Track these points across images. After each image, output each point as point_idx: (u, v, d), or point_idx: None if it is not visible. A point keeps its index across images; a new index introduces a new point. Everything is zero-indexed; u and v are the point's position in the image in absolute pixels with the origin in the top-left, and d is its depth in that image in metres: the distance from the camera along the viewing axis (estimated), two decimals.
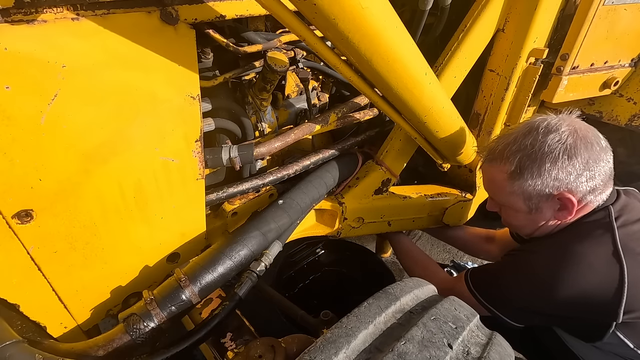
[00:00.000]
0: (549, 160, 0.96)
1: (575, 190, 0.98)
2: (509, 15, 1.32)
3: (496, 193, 1.13)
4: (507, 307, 1.07)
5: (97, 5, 0.71)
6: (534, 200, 1.03)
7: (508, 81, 1.40)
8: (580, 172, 0.96)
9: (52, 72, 0.69)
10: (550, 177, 0.97)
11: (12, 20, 0.63)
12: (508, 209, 1.12)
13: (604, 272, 0.93)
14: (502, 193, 1.08)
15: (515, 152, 1.01)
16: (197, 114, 0.93)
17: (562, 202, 1.00)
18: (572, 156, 0.95)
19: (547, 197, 1.01)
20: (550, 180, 0.97)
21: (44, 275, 0.85)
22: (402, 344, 0.68)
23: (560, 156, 0.95)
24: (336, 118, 1.32)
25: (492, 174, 1.10)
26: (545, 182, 0.98)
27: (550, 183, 0.98)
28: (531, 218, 1.07)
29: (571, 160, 0.95)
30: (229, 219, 1.16)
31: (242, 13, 0.95)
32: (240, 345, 1.05)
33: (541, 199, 1.02)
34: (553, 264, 0.98)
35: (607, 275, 0.93)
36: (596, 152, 0.97)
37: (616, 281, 0.92)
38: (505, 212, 1.15)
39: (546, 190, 0.99)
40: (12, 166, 0.71)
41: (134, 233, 0.95)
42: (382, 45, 0.85)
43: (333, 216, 1.38)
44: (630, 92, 1.72)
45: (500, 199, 1.11)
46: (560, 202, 1.01)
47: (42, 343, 0.84)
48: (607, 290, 0.92)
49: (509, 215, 1.14)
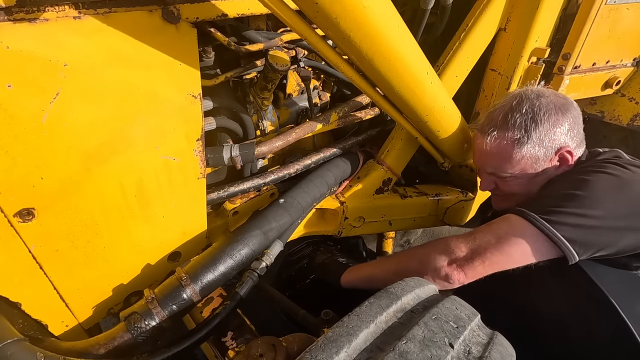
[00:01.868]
0: (550, 118, 1.04)
1: (571, 144, 1.07)
2: (510, 14, 1.32)
3: (503, 164, 1.11)
4: (581, 224, 0.92)
5: (99, 4, 0.71)
6: (540, 161, 1.07)
7: (509, 80, 1.40)
8: (572, 126, 1.06)
9: (54, 71, 0.69)
10: (554, 134, 1.04)
11: (14, 19, 0.63)
12: (511, 179, 1.12)
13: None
14: (509, 162, 1.09)
15: (518, 117, 1.06)
16: (199, 112, 0.93)
17: (563, 156, 1.07)
18: (565, 112, 1.05)
19: (550, 155, 1.07)
20: (555, 136, 1.05)
21: (45, 273, 0.85)
22: (404, 343, 0.67)
23: (556, 114, 1.04)
24: (337, 117, 1.32)
25: (498, 144, 1.09)
26: (552, 139, 1.05)
27: (555, 139, 1.05)
28: (535, 179, 1.10)
29: (564, 115, 1.05)
30: (230, 217, 1.16)
31: (243, 12, 0.95)
32: (241, 344, 1.06)
33: (546, 159, 1.07)
34: (610, 177, 0.97)
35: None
36: (576, 108, 1.09)
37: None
38: (507, 183, 1.14)
39: (551, 148, 1.06)
40: (13, 165, 0.71)
41: (135, 232, 0.95)
42: (384, 45, 0.85)
43: (334, 215, 1.38)
44: (632, 92, 1.71)
45: (507, 169, 1.11)
46: (561, 157, 1.08)
47: (44, 341, 0.84)
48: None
49: (512, 185, 1.13)
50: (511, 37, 1.34)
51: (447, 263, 0.98)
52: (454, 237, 1.03)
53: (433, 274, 1.00)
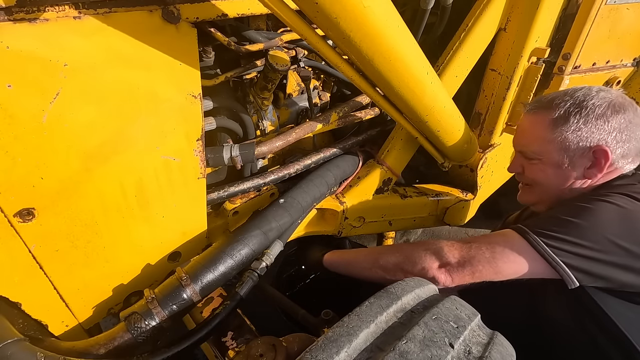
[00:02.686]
0: (595, 111, 0.96)
1: (612, 147, 0.97)
2: (510, 14, 1.32)
3: (531, 142, 1.07)
4: (580, 254, 0.90)
5: (99, 4, 0.71)
6: (571, 152, 1.00)
7: (510, 81, 1.40)
8: (621, 129, 0.96)
9: (54, 71, 0.69)
10: (595, 126, 0.96)
11: (14, 19, 0.63)
12: (537, 163, 1.07)
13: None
14: (539, 141, 1.04)
15: (566, 100, 1.01)
16: (199, 112, 0.93)
17: (597, 156, 0.98)
18: (618, 111, 0.96)
19: (583, 150, 0.99)
20: (595, 129, 0.96)
21: (45, 273, 0.85)
22: (404, 343, 0.68)
23: (607, 109, 0.96)
24: (337, 117, 1.32)
25: (533, 121, 1.06)
26: (590, 131, 0.97)
27: (594, 133, 0.97)
28: (561, 174, 1.03)
29: (616, 114, 0.96)
30: (230, 217, 1.16)
31: (243, 12, 0.95)
32: (241, 344, 1.06)
33: (577, 152, 0.99)
34: (627, 205, 0.92)
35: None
36: (638, 115, 0.98)
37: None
38: (533, 168, 1.08)
39: (586, 141, 0.98)
40: (14, 165, 0.71)
41: (135, 232, 0.95)
42: (384, 45, 0.85)
43: (334, 215, 1.38)
44: (632, 92, 1.72)
45: (534, 148, 1.06)
46: (594, 158, 0.98)
47: (44, 341, 0.84)
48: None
49: (537, 170, 1.07)
50: (511, 37, 1.34)
51: (437, 265, 0.98)
52: (449, 242, 1.02)
53: (420, 272, 0.98)
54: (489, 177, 1.69)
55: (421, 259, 1.00)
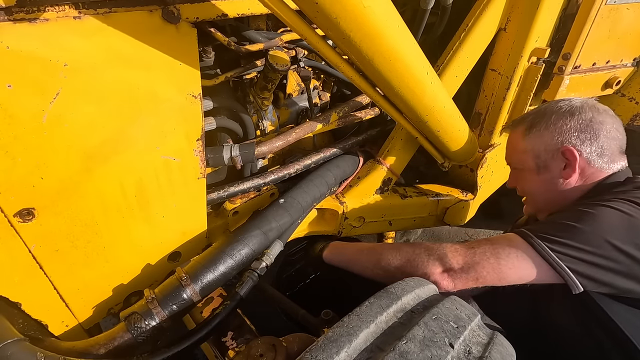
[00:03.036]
0: (554, 115, 1.06)
1: (577, 145, 1.02)
2: (510, 14, 1.32)
3: (512, 156, 1.18)
4: (585, 259, 0.89)
5: (99, 4, 0.71)
6: (542, 156, 1.07)
7: (510, 80, 1.39)
8: (582, 129, 1.02)
9: (54, 71, 0.69)
10: (555, 130, 1.04)
11: (14, 19, 0.63)
12: (522, 174, 1.15)
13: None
14: (516, 153, 1.14)
15: (534, 113, 1.12)
16: (199, 112, 0.93)
17: (567, 156, 1.03)
18: (575, 113, 1.03)
19: (552, 152, 1.06)
20: (555, 133, 1.04)
21: (45, 273, 0.85)
22: (404, 343, 0.68)
23: (565, 112, 1.05)
24: (337, 117, 1.32)
25: (510, 137, 1.18)
26: (550, 135, 1.05)
27: (555, 136, 1.04)
28: (542, 179, 1.10)
29: (573, 116, 1.03)
30: (230, 217, 1.16)
31: (243, 12, 0.95)
32: (241, 344, 1.05)
33: (547, 155, 1.06)
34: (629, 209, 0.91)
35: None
36: (601, 115, 1.03)
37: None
38: (521, 178, 1.17)
39: (551, 143, 1.05)
40: (14, 165, 0.71)
41: (135, 232, 0.95)
42: (384, 45, 0.84)
43: (334, 215, 1.38)
44: (632, 92, 1.72)
45: (514, 160, 1.17)
46: (566, 158, 1.04)
47: (44, 341, 0.84)
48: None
49: (524, 180, 1.15)
50: (511, 37, 1.34)
51: (440, 271, 0.97)
52: (452, 246, 1.01)
53: (421, 276, 0.97)
54: (489, 177, 1.69)
55: (424, 263, 0.99)
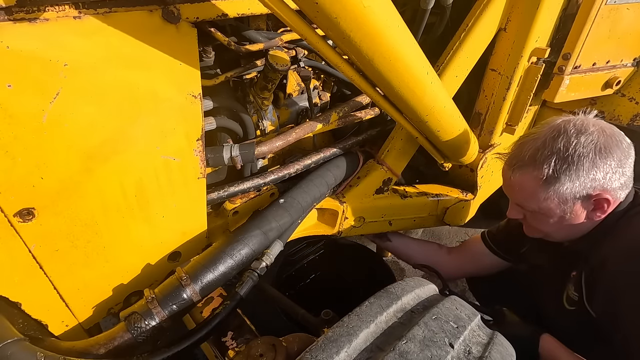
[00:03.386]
0: (585, 161, 0.95)
1: (610, 188, 0.98)
2: (510, 14, 1.32)
3: (527, 200, 1.06)
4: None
5: (99, 4, 0.71)
6: (570, 203, 1.00)
7: (510, 80, 1.39)
8: (614, 170, 0.96)
9: (54, 71, 0.69)
10: (587, 179, 0.96)
11: (14, 19, 0.63)
12: (538, 216, 1.07)
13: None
14: (535, 200, 1.03)
15: (549, 156, 0.98)
16: (199, 112, 0.93)
17: (598, 202, 0.99)
18: (607, 156, 0.96)
19: (582, 199, 0.99)
20: (588, 181, 0.96)
21: (45, 273, 0.85)
22: (404, 343, 0.68)
23: (595, 156, 0.95)
24: (337, 117, 1.32)
25: (522, 181, 1.04)
26: (583, 184, 0.97)
27: (588, 184, 0.97)
28: (564, 223, 1.04)
29: (606, 159, 0.96)
30: (230, 217, 1.16)
31: (243, 12, 0.95)
32: (241, 344, 1.06)
33: (576, 202, 1.00)
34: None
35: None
36: (625, 149, 0.98)
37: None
38: (534, 219, 1.10)
39: (583, 192, 0.98)
40: (14, 164, 0.71)
41: (135, 232, 0.95)
42: (384, 45, 0.84)
43: (334, 215, 1.38)
44: (633, 92, 1.71)
45: (531, 206, 1.06)
46: (596, 203, 1.00)
47: (44, 341, 0.84)
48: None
49: (539, 221, 1.09)
50: (511, 37, 1.34)
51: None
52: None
53: None
54: (489, 177, 1.69)
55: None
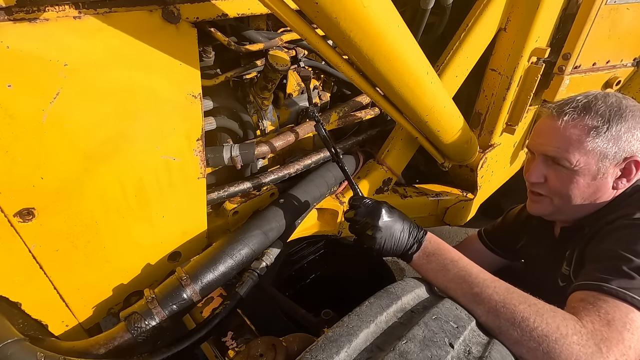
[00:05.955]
0: (633, 118, 0.94)
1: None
2: (510, 14, 1.32)
3: (570, 150, 0.97)
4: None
5: (99, 4, 0.71)
6: (608, 161, 0.95)
7: (510, 80, 1.40)
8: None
9: (54, 71, 0.69)
10: (631, 137, 0.93)
11: (14, 19, 0.63)
12: (569, 174, 0.98)
13: None
14: (579, 150, 0.95)
15: (602, 106, 0.95)
16: (199, 112, 0.93)
17: (628, 166, 0.95)
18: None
19: (618, 160, 0.95)
20: (633, 139, 0.93)
21: (45, 273, 0.85)
22: (404, 343, 0.67)
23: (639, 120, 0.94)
24: (337, 117, 1.32)
25: (572, 127, 0.97)
26: (627, 140, 0.93)
27: (630, 143, 0.94)
28: (593, 185, 0.98)
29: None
30: (230, 217, 1.16)
31: (243, 12, 0.95)
32: (241, 344, 1.06)
33: (612, 162, 0.95)
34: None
35: None
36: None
37: None
38: (560, 179, 1.00)
39: (623, 151, 0.94)
40: (14, 164, 0.71)
41: (135, 232, 0.95)
42: (384, 45, 0.85)
43: (334, 215, 1.38)
44: (633, 92, 1.72)
45: (571, 157, 0.96)
46: (625, 168, 0.96)
47: (44, 341, 0.84)
48: None
49: (566, 181, 0.99)
50: (511, 37, 1.34)
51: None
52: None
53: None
54: (489, 177, 1.69)
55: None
